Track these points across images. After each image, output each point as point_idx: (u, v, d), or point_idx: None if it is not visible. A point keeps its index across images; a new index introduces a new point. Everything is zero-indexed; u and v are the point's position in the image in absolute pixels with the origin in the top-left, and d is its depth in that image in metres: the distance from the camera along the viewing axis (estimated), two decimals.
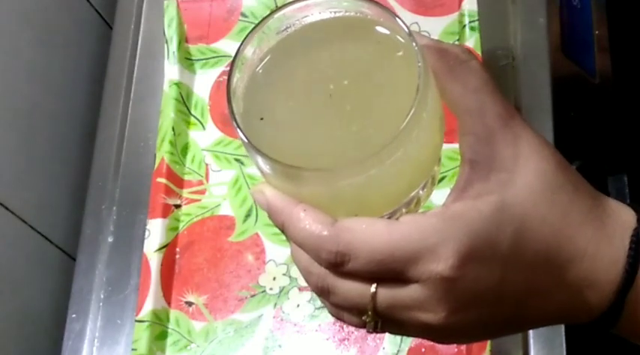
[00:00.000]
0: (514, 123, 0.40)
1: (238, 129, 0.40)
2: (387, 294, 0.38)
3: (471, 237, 0.37)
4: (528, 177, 0.39)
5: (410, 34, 0.39)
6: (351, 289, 0.39)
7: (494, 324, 0.40)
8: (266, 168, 0.40)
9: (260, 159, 0.39)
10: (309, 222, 0.39)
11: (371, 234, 0.38)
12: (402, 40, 0.41)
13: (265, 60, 0.43)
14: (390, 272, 0.38)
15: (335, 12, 0.43)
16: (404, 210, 0.43)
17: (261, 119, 0.42)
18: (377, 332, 0.40)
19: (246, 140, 0.39)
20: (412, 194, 0.42)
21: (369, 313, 0.39)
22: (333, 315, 0.42)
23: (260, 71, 0.43)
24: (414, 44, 0.39)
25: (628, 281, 0.39)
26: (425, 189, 0.43)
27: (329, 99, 0.42)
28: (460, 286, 0.37)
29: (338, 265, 0.38)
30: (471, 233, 0.37)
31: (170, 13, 0.81)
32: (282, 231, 0.41)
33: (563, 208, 0.39)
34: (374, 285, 0.38)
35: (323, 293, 0.40)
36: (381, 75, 0.42)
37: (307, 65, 0.43)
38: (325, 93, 0.42)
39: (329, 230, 0.38)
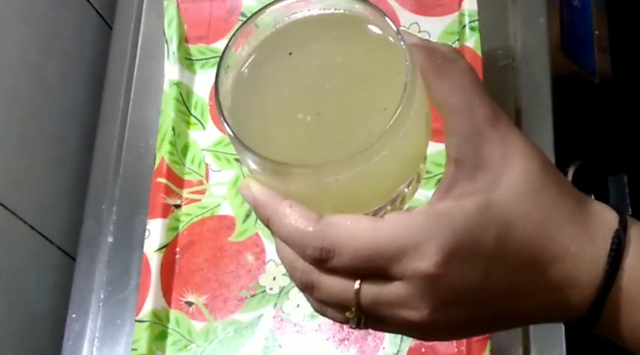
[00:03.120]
0: (500, 124, 0.40)
1: (226, 124, 0.40)
2: (370, 291, 0.39)
3: (455, 235, 0.37)
4: (513, 177, 0.39)
5: (398, 32, 0.40)
6: (335, 285, 0.39)
7: (477, 322, 0.40)
8: (253, 163, 0.40)
9: (247, 155, 0.39)
10: (295, 218, 0.39)
11: (356, 231, 0.38)
12: (391, 39, 0.41)
13: (254, 55, 0.43)
14: (374, 268, 0.38)
15: (324, 9, 0.43)
16: (389, 208, 0.43)
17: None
18: (360, 329, 0.41)
19: (233, 135, 0.39)
20: (398, 191, 0.43)
21: (353, 309, 0.39)
22: (316, 311, 0.42)
23: (248, 66, 0.43)
24: (402, 42, 0.39)
25: (609, 281, 0.39)
26: (410, 187, 0.44)
27: (316, 96, 0.42)
28: (443, 284, 0.38)
29: (322, 261, 0.39)
30: (455, 231, 0.38)
31: (170, 13, 0.81)
32: (268, 227, 0.41)
33: (547, 209, 0.39)
34: (358, 281, 0.39)
35: (307, 288, 0.40)
36: (368, 72, 0.42)
37: (295, 61, 0.43)
38: (313, 90, 0.42)
39: (314, 226, 0.39)
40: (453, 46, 0.75)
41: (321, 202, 0.40)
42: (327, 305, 0.41)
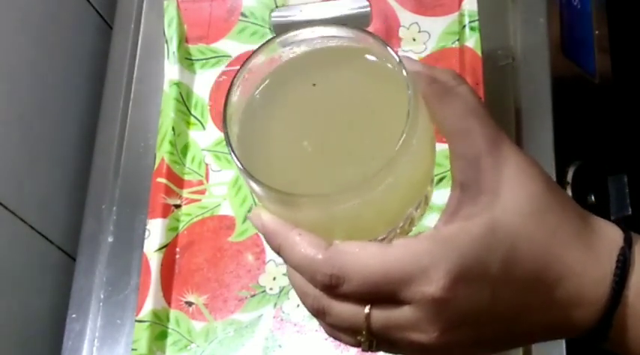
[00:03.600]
0: (503, 145, 0.41)
1: (233, 156, 0.41)
2: (380, 315, 0.40)
3: (462, 258, 0.38)
4: (517, 199, 0.40)
5: (400, 61, 0.41)
6: (346, 310, 0.40)
7: (485, 342, 0.41)
8: (261, 193, 0.41)
9: (255, 186, 0.40)
10: (304, 246, 0.40)
11: (364, 258, 0.39)
12: (393, 68, 0.42)
13: (261, 87, 0.44)
14: (384, 294, 0.39)
15: (328, 41, 0.44)
16: (398, 231, 0.44)
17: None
18: (372, 351, 0.41)
19: (241, 167, 0.40)
20: (406, 215, 0.43)
21: (364, 333, 0.40)
22: (329, 335, 0.43)
23: (255, 98, 0.44)
24: (403, 71, 0.40)
25: (615, 298, 0.40)
26: (418, 210, 0.45)
27: (322, 126, 0.43)
28: (451, 307, 0.38)
29: (333, 287, 0.39)
30: (462, 255, 0.38)
31: (170, 13, 0.81)
32: (279, 254, 0.42)
33: (551, 229, 0.40)
34: (368, 307, 0.40)
35: (318, 313, 0.42)
36: (373, 102, 0.43)
37: (301, 92, 0.44)
38: (318, 120, 0.43)
39: (323, 254, 0.40)
40: (453, 46, 0.75)
41: (329, 229, 0.41)
42: (338, 330, 0.42)
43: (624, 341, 0.41)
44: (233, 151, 0.41)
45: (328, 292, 0.40)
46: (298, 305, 0.69)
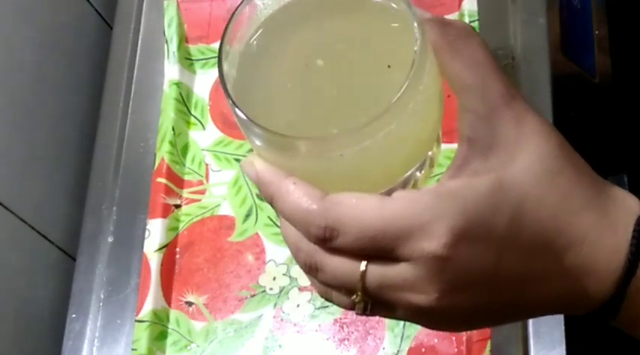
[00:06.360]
0: (516, 102, 0.38)
1: (228, 98, 0.38)
2: (377, 273, 0.37)
3: (466, 215, 0.36)
4: (529, 158, 0.37)
5: (409, 5, 0.39)
6: (340, 266, 0.37)
7: (488, 311, 0.39)
8: (256, 137, 0.39)
9: (250, 128, 0.38)
10: (299, 195, 0.37)
11: (362, 209, 0.36)
12: (402, 12, 0.40)
13: (260, 30, 0.42)
14: (381, 249, 0.36)
15: None
16: None
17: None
18: (367, 315, 0.39)
19: (235, 108, 0.38)
20: (408, 174, 0.41)
21: (359, 293, 0.37)
22: (321, 295, 0.40)
23: (254, 40, 0.42)
24: (413, 17, 0.38)
25: (630, 270, 0.37)
26: (422, 171, 0.42)
27: (324, 70, 0.41)
28: (453, 266, 0.36)
29: (327, 240, 0.37)
30: (466, 211, 0.36)
31: (170, 13, 0.81)
32: (271, 204, 0.39)
33: (563, 192, 0.38)
34: (364, 263, 0.37)
35: (311, 270, 0.39)
36: (378, 46, 0.41)
37: (302, 35, 0.42)
38: (320, 64, 0.41)
39: (318, 204, 0.37)
40: None
41: (326, 181, 0.38)
42: (332, 288, 0.39)
43: (635, 318, 0.38)
44: (228, 93, 0.38)
45: (322, 245, 0.37)
46: (298, 305, 0.69)
